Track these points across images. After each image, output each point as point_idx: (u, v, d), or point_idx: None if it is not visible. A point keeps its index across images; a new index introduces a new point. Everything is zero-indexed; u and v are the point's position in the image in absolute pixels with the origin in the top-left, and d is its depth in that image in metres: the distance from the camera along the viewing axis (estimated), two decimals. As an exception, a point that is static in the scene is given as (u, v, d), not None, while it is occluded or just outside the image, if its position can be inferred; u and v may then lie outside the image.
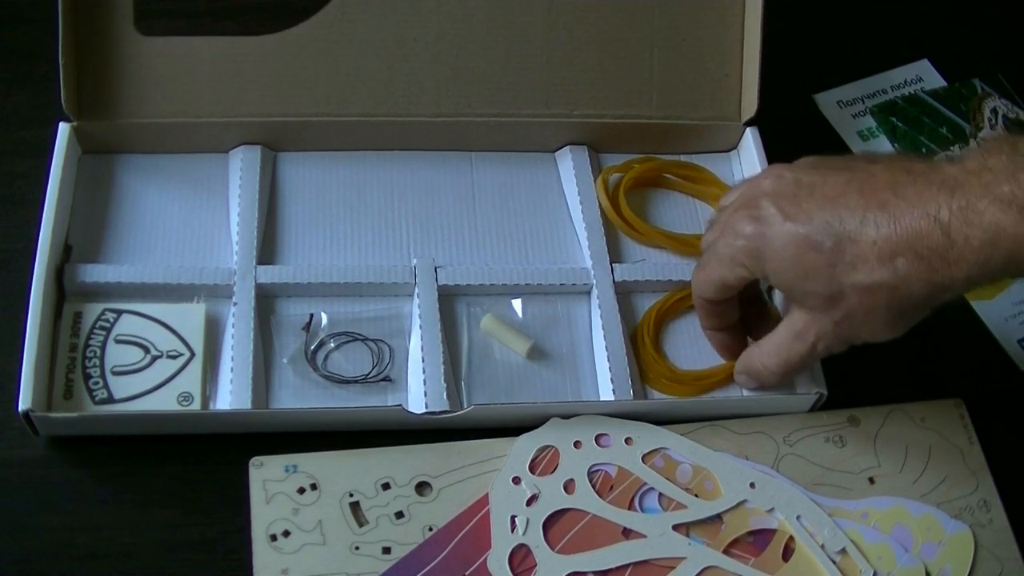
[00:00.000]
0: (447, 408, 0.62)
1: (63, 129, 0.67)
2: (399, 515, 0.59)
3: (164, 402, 0.61)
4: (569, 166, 0.72)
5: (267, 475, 0.59)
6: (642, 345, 0.66)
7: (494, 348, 0.66)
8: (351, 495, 0.59)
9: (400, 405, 0.61)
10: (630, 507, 0.60)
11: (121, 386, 0.61)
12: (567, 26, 0.71)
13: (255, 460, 0.59)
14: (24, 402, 0.58)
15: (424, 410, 0.61)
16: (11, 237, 0.67)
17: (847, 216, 0.53)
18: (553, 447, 0.61)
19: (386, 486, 0.59)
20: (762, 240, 0.56)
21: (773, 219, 0.56)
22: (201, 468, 0.61)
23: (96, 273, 0.64)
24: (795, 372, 0.62)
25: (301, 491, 0.59)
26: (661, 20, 0.72)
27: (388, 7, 0.69)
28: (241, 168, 0.69)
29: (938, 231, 0.51)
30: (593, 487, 0.61)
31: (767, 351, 0.61)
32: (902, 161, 0.54)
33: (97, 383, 0.61)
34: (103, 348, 0.62)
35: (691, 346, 0.67)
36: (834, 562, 0.60)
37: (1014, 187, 0.49)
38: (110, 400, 0.60)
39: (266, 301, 0.66)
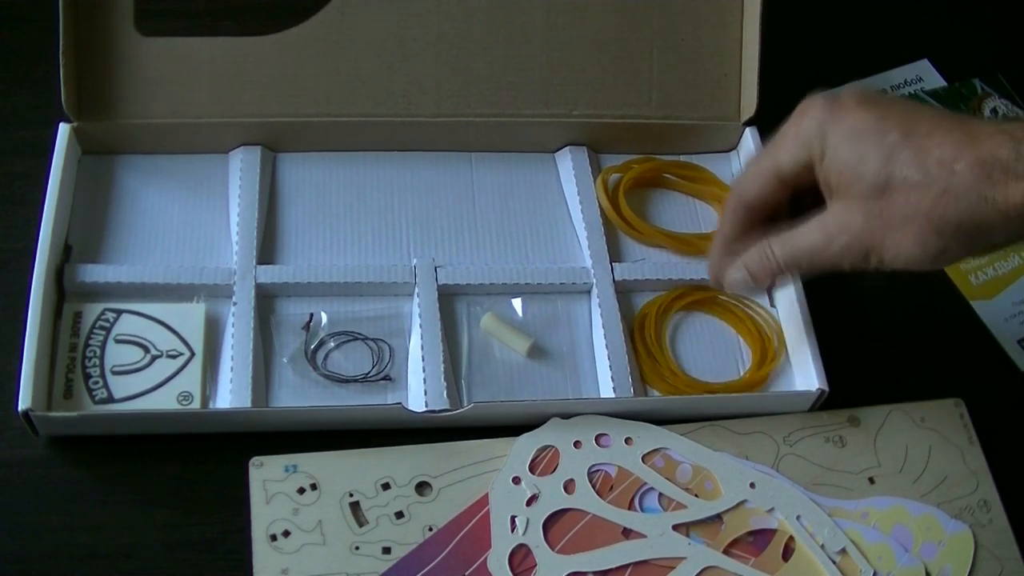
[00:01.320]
0: (447, 407, 0.62)
1: (63, 129, 0.67)
2: (399, 515, 0.59)
3: (164, 401, 0.61)
4: (569, 166, 0.72)
5: (267, 475, 0.59)
6: (639, 339, 0.66)
7: (494, 347, 0.66)
8: (351, 495, 0.59)
9: (400, 403, 0.61)
10: (630, 507, 0.60)
11: (121, 386, 0.61)
12: (566, 26, 0.71)
13: (255, 460, 0.59)
14: (24, 402, 0.58)
15: (424, 408, 0.61)
16: (11, 237, 0.67)
17: (922, 121, 0.54)
18: (553, 447, 0.61)
19: (386, 486, 0.59)
20: (832, 119, 0.55)
21: (849, 104, 0.56)
22: (201, 468, 0.61)
23: (96, 273, 0.64)
24: (798, 266, 0.58)
25: (301, 491, 0.59)
26: (660, 20, 0.72)
27: (388, 7, 0.69)
28: (241, 169, 0.69)
29: (1009, 143, 0.51)
30: (593, 487, 0.61)
31: (780, 235, 0.58)
32: None
33: (97, 383, 0.61)
34: (103, 348, 0.62)
35: (691, 345, 0.67)
36: (834, 562, 0.60)
37: None
38: (110, 400, 0.60)
39: (266, 301, 0.66)
